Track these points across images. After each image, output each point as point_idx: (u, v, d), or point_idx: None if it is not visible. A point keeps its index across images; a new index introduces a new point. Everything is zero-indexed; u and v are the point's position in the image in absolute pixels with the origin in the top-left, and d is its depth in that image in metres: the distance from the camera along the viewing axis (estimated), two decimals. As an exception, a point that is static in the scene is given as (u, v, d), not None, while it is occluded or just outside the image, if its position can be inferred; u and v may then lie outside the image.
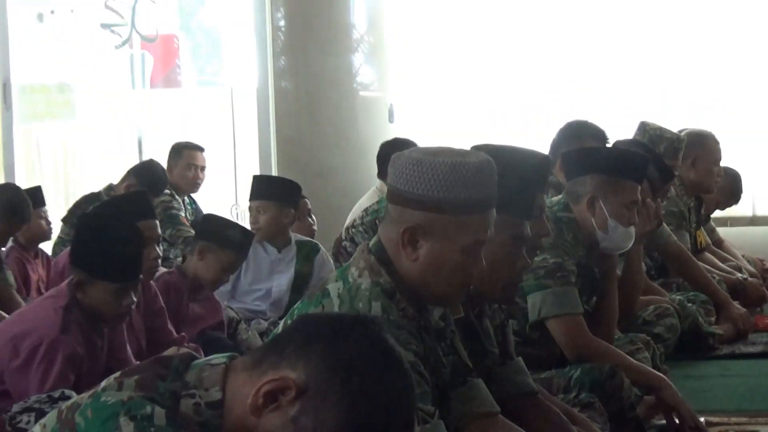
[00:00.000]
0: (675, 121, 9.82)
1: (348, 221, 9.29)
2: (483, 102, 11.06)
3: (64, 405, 3.10)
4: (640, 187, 6.63)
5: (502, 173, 4.21)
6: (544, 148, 7.58)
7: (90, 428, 2.90)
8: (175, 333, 7.06)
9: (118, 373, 2.98)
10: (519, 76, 11.08)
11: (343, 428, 2.74)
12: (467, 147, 4.63)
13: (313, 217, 9.82)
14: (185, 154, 11.14)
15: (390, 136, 10.29)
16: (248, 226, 8.99)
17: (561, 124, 8.00)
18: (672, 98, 10.60)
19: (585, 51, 11.05)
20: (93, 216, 7.73)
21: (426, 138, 9.95)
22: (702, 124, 9.80)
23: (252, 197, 9.01)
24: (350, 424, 2.75)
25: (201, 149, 11.27)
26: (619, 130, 8.59)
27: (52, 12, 15.86)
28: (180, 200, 10.59)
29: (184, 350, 3.29)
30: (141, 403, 2.88)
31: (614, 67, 11.01)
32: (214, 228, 7.60)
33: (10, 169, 11.93)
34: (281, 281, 8.65)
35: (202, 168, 11.20)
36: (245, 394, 2.83)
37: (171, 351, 3.18)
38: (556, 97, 10.65)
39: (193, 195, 11.18)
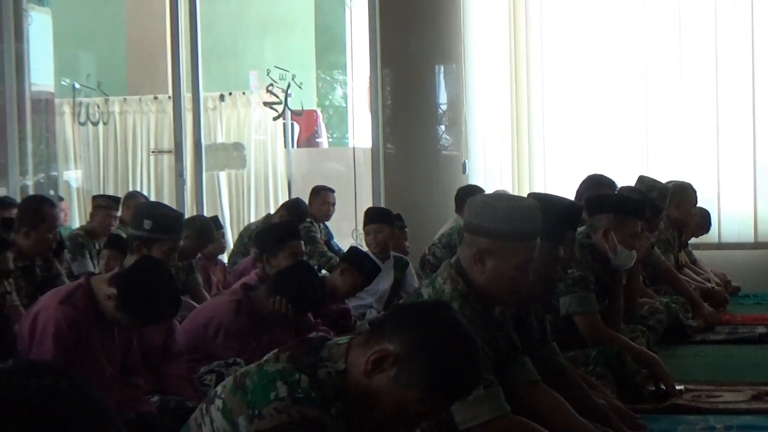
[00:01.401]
0: (667, 171, 9.74)
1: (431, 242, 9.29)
2: (531, 159, 10.97)
3: (238, 371, 3.14)
4: (640, 223, 6.67)
5: (544, 213, 4.39)
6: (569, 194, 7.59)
7: (255, 389, 2.99)
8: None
9: (276, 350, 3.09)
10: (550, 140, 10.96)
11: (429, 383, 2.89)
12: (520, 193, 4.72)
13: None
14: (322, 194, 11.13)
15: (463, 184, 10.26)
16: (364, 245, 9.08)
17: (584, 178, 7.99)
18: (661, 154, 10.46)
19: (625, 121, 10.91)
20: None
21: (488, 185, 9.91)
22: (686, 175, 9.74)
23: (367, 223, 9.02)
24: (433, 379, 2.90)
25: (332, 191, 11.24)
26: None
27: (230, 93, 15.92)
28: (317, 226, 10.57)
29: (320, 334, 3.35)
30: (291, 371, 2.98)
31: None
32: (357, 258, 7.56)
33: (200, 203, 11.91)
34: (385, 284, 8.65)
35: (333, 204, 11.18)
36: (360, 364, 2.96)
37: (312, 335, 3.29)
38: (586, 152, 10.55)
39: (326, 222, 11.17)
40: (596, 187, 7.78)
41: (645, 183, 8.69)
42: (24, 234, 7.50)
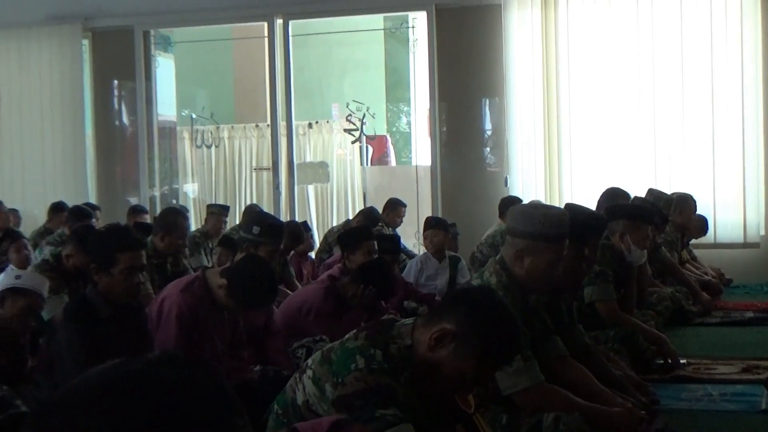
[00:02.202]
0: (672, 184, 9.73)
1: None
2: (560, 174, 10.91)
3: (325, 347, 3.18)
4: (650, 227, 6.64)
5: (573, 220, 4.52)
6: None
7: (339, 361, 3.06)
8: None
9: (355, 330, 3.24)
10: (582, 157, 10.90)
11: (481, 354, 3.00)
12: (551, 202, 4.72)
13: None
14: (396, 207, 11.08)
15: (505, 195, 10.24)
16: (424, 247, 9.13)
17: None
18: (666, 169, 10.39)
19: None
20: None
21: (525, 196, 9.88)
22: (687, 187, 9.72)
23: (426, 228, 9.03)
24: (484, 351, 3.00)
25: (404, 205, 11.22)
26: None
27: (317, 122, 15.94)
28: (388, 230, 10.53)
29: (390, 316, 3.36)
30: (368, 347, 3.05)
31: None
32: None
33: (292, 211, 11.95)
34: (443, 279, 8.68)
35: (403, 215, 11.17)
36: (423, 341, 3.02)
37: (384, 317, 3.30)
38: (605, 169, 10.49)
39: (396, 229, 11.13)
40: (613, 197, 7.75)
41: (654, 194, 8.76)
42: (160, 237, 7.65)
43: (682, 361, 6.10)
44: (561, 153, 10.97)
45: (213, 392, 1.28)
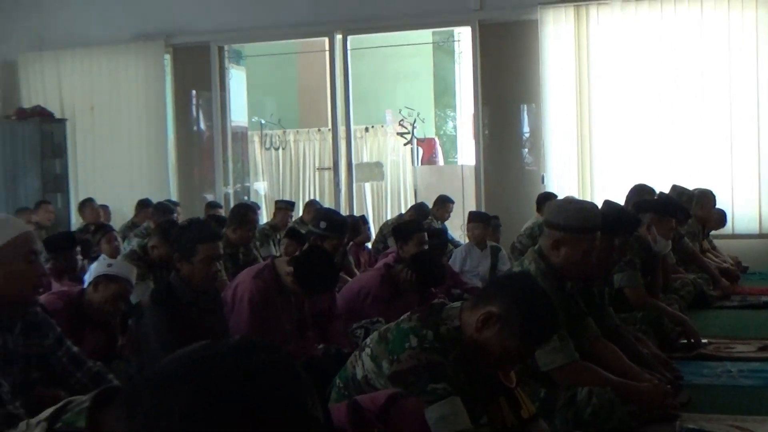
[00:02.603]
0: (693, 180, 9.64)
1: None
2: (591, 172, 10.84)
3: (382, 328, 3.20)
4: (674, 220, 6.59)
5: (605, 215, 4.60)
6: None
7: (394, 340, 3.08)
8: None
9: (408, 312, 3.25)
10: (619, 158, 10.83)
11: (523, 333, 3.00)
12: (583, 197, 4.72)
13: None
14: (446, 203, 11.06)
15: (542, 191, 10.19)
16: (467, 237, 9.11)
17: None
18: (688, 167, 10.31)
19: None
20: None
21: (560, 192, 9.81)
22: (707, 183, 9.66)
23: (469, 221, 9.03)
24: (526, 331, 3.00)
25: (452, 201, 11.21)
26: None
27: (372, 126, 15.96)
28: (437, 224, 10.50)
29: (440, 300, 3.36)
30: (420, 328, 3.06)
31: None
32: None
33: (351, 206, 12.00)
34: (484, 267, 8.65)
35: (452, 210, 11.15)
36: (471, 322, 3.02)
37: (435, 301, 3.30)
38: (632, 167, 10.41)
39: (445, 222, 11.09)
40: (640, 193, 7.69)
41: (677, 190, 8.71)
42: (232, 230, 7.72)
43: (703, 341, 6.03)
44: (592, 153, 10.92)
45: (287, 376, 1.30)
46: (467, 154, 15.27)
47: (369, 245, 10.40)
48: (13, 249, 3.28)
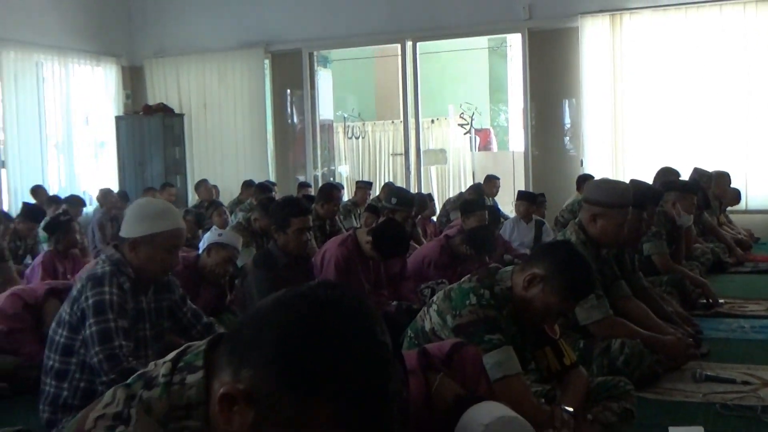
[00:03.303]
0: (712, 163, 9.44)
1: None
2: (624, 156, 10.69)
3: (446, 288, 3.19)
4: (695, 197, 6.50)
5: (635, 192, 4.47)
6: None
7: (457, 297, 3.06)
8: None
9: (468, 275, 3.23)
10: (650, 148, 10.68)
11: (563, 291, 2.95)
12: (616, 178, 4.70)
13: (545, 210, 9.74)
14: (492, 180, 11.01)
15: (581, 173, 10.10)
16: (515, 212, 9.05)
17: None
18: (708, 152, 10.12)
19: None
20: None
21: (597, 174, 9.68)
22: (724, 165, 9.54)
23: (517, 199, 8.96)
24: (566, 288, 2.95)
25: (497, 178, 11.13)
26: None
27: (437, 119, 15.93)
28: (489, 200, 10.43)
29: (495, 265, 3.34)
30: (479, 287, 3.04)
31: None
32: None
33: (419, 186, 12.01)
34: (529, 237, 8.59)
35: (499, 186, 11.07)
36: (519, 283, 3.01)
37: (491, 265, 3.29)
38: (658, 152, 10.26)
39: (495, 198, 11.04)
40: (666, 174, 7.57)
41: (698, 172, 8.59)
42: (320, 205, 7.79)
43: (720, 301, 5.96)
44: (624, 140, 10.85)
45: (359, 306, 1.32)
46: (517, 141, 15.19)
47: (434, 218, 10.39)
48: (164, 239, 3.37)
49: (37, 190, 11.00)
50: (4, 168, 11.40)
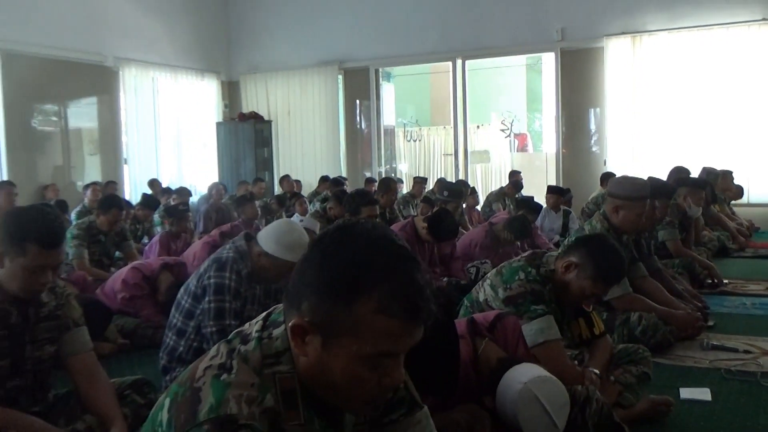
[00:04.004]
0: (719, 163, 9.24)
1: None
2: (642, 156, 10.49)
3: (500, 265, 3.22)
4: (704, 192, 6.36)
5: (652, 187, 4.30)
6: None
7: (507, 274, 3.08)
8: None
9: (519, 256, 3.25)
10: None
11: (596, 276, 2.91)
12: (635, 175, 4.63)
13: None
14: (517, 175, 10.87)
15: (604, 171, 9.94)
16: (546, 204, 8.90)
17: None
18: (715, 154, 9.86)
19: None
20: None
21: (618, 171, 9.49)
22: (729, 165, 9.37)
23: (547, 193, 8.82)
24: (599, 273, 2.91)
25: (519, 172, 11.00)
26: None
27: (482, 125, 15.80)
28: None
29: (539, 251, 3.30)
30: (526, 266, 3.06)
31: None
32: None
33: (466, 180, 11.83)
34: (558, 225, 8.45)
35: (521, 179, 10.88)
36: (558, 268, 2.98)
37: (537, 250, 3.26)
38: (672, 153, 10.04)
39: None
40: (678, 172, 7.39)
41: (706, 170, 8.45)
42: (381, 195, 7.77)
43: (725, 281, 5.85)
44: (642, 142, 10.66)
45: (372, 225, 1.40)
46: (549, 144, 15.00)
47: (479, 208, 10.32)
48: (282, 266, 3.33)
49: (153, 183, 11.22)
50: (126, 164, 11.66)
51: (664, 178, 6.97)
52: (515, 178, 10.77)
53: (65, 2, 10.48)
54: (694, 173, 7.89)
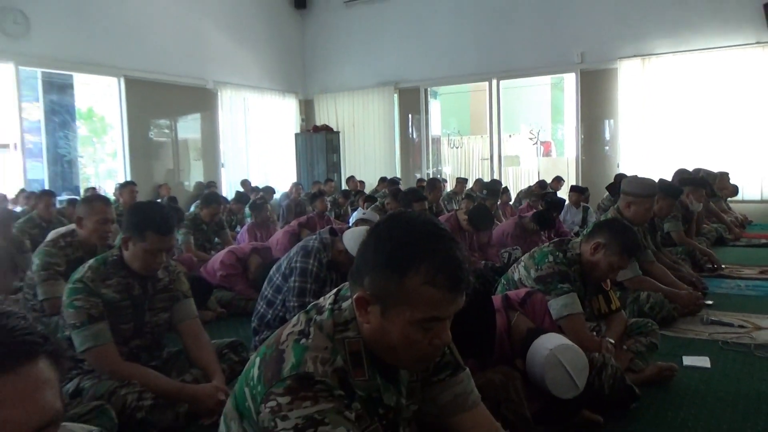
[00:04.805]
0: (717, 165, 8.89)
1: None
2: (650, 161, 10.18)
3: (531, 251, 3.14)
4: (704, 191, 6.13)
5: (659, 187, 4.05)
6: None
7: (538, 257, 2.98)
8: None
9: (547, 242, 3.22)
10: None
11: (621, 251, 2.83)
12: (647, 176, 4.47)
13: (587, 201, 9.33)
14: (559, 181, 10.66)
15: (617, 172, 9.69)
16: (568, 200, 8.68)
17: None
18: (714, 158, 9.49)
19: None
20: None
21: (629, 172, 9.22)
22: (726, 167, 8.96)
23: (570, 191, 8.63)
24: (622, 250, 2.83)
25: (562, 180, 10.71)
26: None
27: (513, 134, 15.56)
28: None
29: (564, 238, 3.20)
30: (554, 251, 2.94)
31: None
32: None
33: (500, 181, 11.72)
34: (578, 218, 8.29)
35: (563, 183, 10.71)
36: (586, 250, 2.90)
37: (562, 238, 3.15)
38: (677, 157, 9.72)
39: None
40: (682, 173, 7.09)
41: (706, 171, 8.11)
42: (428, 192, 7.70)
43: (722, 266, 5.63)
44: (650, 148, 10.36)
45: (417, 214, 1.39)
46: (570, 150, 14.61)
47: (510, 203, 10.19)
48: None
49: (245, 183, 11.40)
50: (223, 167, 11.87)
51: (669, 178, 6.76)
52: (551, 183, 10.59)
53: (175, 37, 10.72)
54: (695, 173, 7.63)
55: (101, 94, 11.05)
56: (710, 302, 4.46)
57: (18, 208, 7.28)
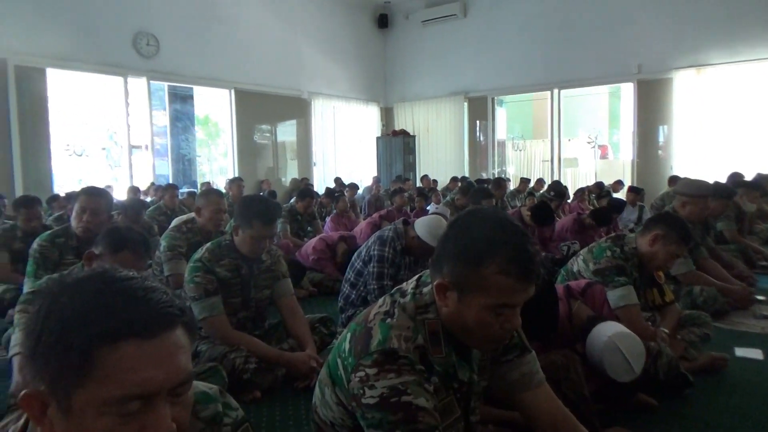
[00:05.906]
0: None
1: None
2: (703, 164, 9.60)
3: (589, 245, 3.01)
4: (757, 193, 5.75)
5: (714, 187, 3.83)
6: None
7: (596, 252, 2.86)
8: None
9: (604, 238, 2.98)
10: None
11: (678, 240, 2.69)
12: (700, 178, 4.19)
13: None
14: (619, 183, 10.14)
15: (671, 174, 9.21)
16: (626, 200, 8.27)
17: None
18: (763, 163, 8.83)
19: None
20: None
21: (683, 174, 8.75)
22: None
23: (628, 192, 8.26)
24: (680, 238, 2.69)
25: (622, 183, 10.14)
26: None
27: (572, 138, 15.01)
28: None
29: (620, 233, 3.05)
30: (612, 246, 2.82)
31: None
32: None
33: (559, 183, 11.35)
34: (634, 216, 7.91)
35: (623, 185, 10.15)
36: (644, 243, 2.77)
37: (619, 233, 3.06)
38: (729, 162, 9.09)
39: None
40: (735, 176, 6.71)
41: (760, 174, 7.51)
42: (494, 191, 7.42)
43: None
44: (703, 152, 9.75)
45: (493, 211, 1.38)
46: (626, 153, 13.99)
47: (569, 201, 9.86)
48: (428, 248, 3.19)
49: (337, 179, 11.58)
50: (315, 166, 12.10)
51: (721, 180, 6.35)
52: (612, 184, 10.10)
53: (276, 54, 11.02)
54: (748, 177, 7.11)
55: (216, 104, 11.55)
56: (761, 298, 4.16)
57: (148, 199, 7.64)
